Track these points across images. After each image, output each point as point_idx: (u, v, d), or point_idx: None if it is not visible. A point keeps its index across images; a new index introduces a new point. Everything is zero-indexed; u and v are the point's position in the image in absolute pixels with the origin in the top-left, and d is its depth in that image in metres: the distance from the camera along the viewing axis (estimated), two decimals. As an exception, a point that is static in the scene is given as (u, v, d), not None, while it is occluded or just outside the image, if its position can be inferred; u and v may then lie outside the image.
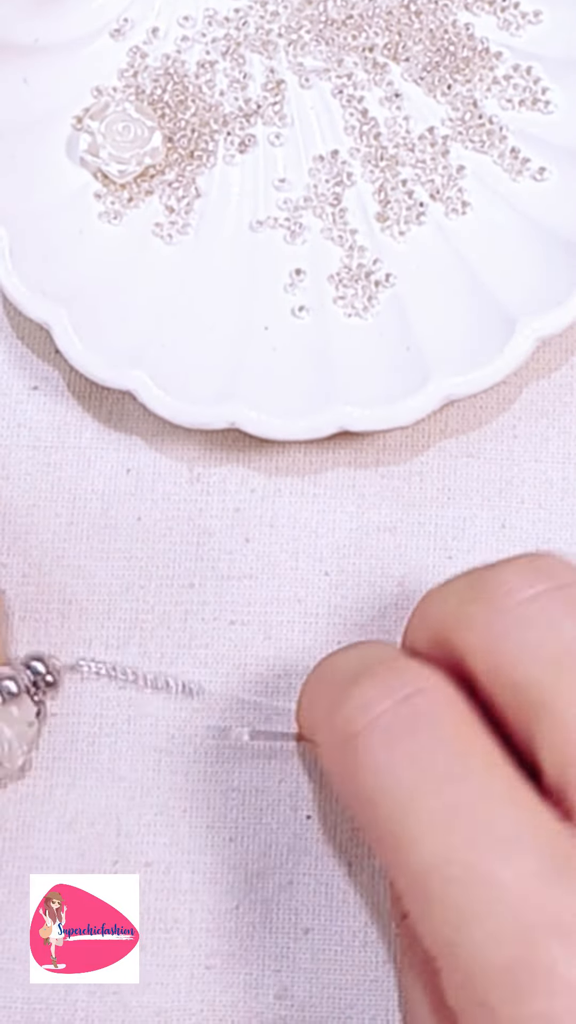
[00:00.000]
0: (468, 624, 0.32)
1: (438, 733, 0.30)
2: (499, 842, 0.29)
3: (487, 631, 0.31)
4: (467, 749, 0.30)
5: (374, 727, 0.30)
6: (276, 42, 0.43)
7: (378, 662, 0.32)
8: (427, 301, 0.41)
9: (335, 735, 0.31)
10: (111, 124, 0.42)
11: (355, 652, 0.34)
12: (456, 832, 0.29)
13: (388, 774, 0.30)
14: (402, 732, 0.30)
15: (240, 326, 0.41)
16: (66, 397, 0.42)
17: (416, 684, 0.31)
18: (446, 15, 0.43)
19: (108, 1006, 0.38)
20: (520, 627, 0.31)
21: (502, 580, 0.32)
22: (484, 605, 0.32)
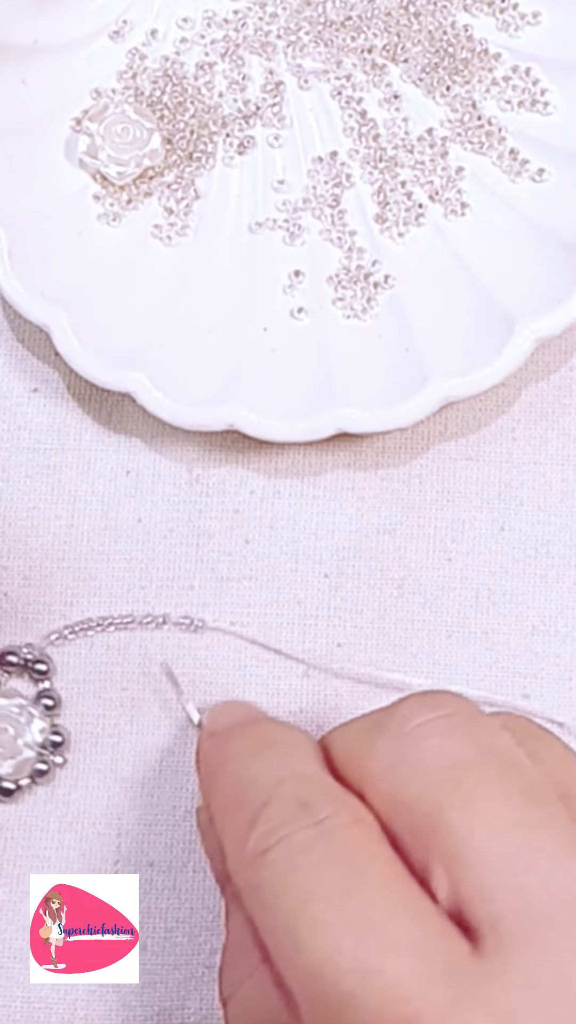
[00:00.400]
0: (368, 753, 0.33)
1: (344, 848, 0.31)
2: (390, 942, 0.29)
3: (383, 756, 0.32)
4: (371, 862, 0.31)
5: (283, 843, 0.31)
6: (275, 44, 0.43)
7: (293, 784, 0.33)
8: (426, 302, 0.41)
9: (245, 851, 0.32)
10: (110, 126, 0.42)
11: (270, 764, 0.34)
12: (349, 930, 0.30)
13: (289, 881, 0.31)
14: (308, 847, 0.31)
15: (239, 328, 0.41)
16: (66, 399, 0.42)
17: (328, 810, 0.32)
18: (445, 16, 0.43)
19: (108, 1005, 0.39)
20: (413, 751, 0.32)
21: (398, 712, 0.33)
22: (380, 734, 0.33)
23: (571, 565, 0.41)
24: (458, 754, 0.32)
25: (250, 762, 0.34)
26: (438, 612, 0.41)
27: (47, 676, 0.40)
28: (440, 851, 0.30)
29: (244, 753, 0.35)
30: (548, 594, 0.41)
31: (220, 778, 0.35)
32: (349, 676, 0.40)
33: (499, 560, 0.41)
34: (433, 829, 0.31)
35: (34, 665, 0.40)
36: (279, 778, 0.33)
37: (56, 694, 0.40)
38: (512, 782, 0.31)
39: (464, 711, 0.33)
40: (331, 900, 0.30)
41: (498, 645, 0.40)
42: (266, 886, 0.31)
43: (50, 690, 0.40)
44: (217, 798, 0.35)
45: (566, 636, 0.40)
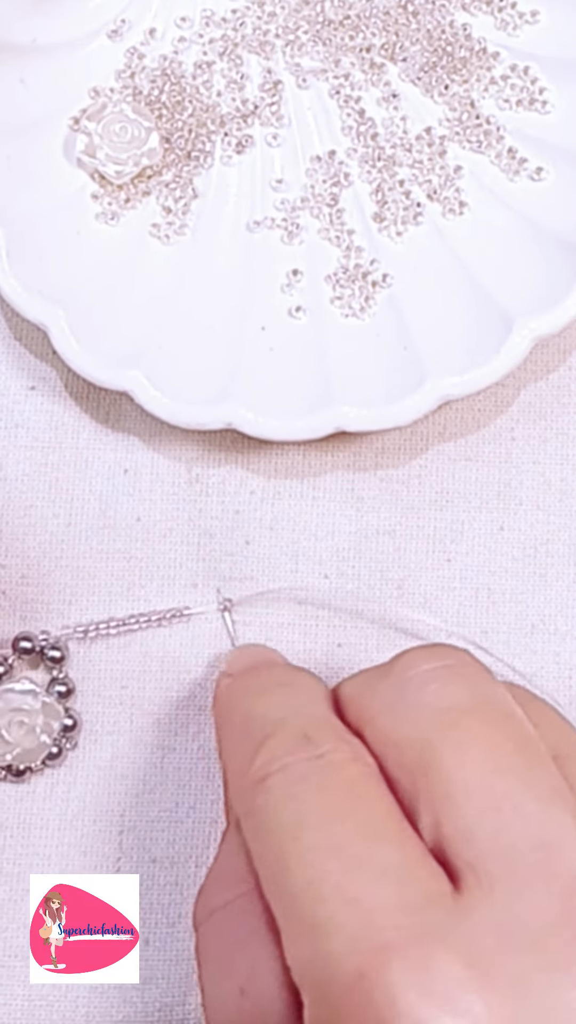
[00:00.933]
0: (370, 696, 0.34)
1: (340, 781, 0.32)
2: (372, 870, 0.30)
3: (383, 698, 0.33)
4: (364, 796, 0.32)
5: (282, 771, 0.32)
6: (273, 43, 0.43)
7: (300, 720, 0.34)
8: (424, 301, 0.41)
9: (246, 778, 0.33)
10: (108, 125, 0.42)
11: (280, 701, 0.35)
12: (333, 858, 0.30)
13: (284, 807, 0.32)
14: (306, 777, 0.32)
15: (237, 326, 0.41)
16: (63, 397, 0.42)
17: (328, 745, 0.33)
18: (443, 15, 0.43)
19: (110, 1002, 0.39)
20: (412, 693, 0.33)
21: (402, 659, 0.34)
22: (384, 678, 0.34)
23: (570, 564, 0.41)
24: (455, 699, 0.33)
25: (259, 699, 0.35)
26: (438, 612, 0.41)
27: (61, 664, 0.40)
28: (428, 789, 0.31)
29: (255, 691, 0.36)
30: (547, 593, 0.41)
31: (230, 715, 0.36)
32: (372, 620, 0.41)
33: (498, 560, 0.41)
34: (424, 768, 0.32)
35: (48, 652, 0.40)
36: (286, 714, 0.34)
37: (70, 681, 0.40)
38: (504, 729, 0.32)
39: (466, 662, 0.34)
40: (322, 828, 0.31)
41: (498, 644, 0.41)
42: (262, 811, 0.32)
43: (64, 678, 0.40)
44: (225, 732, 0.36)
45: (566, 635, 0.41)
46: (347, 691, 0.35)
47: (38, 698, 0.39)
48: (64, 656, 0.40)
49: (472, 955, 0.29)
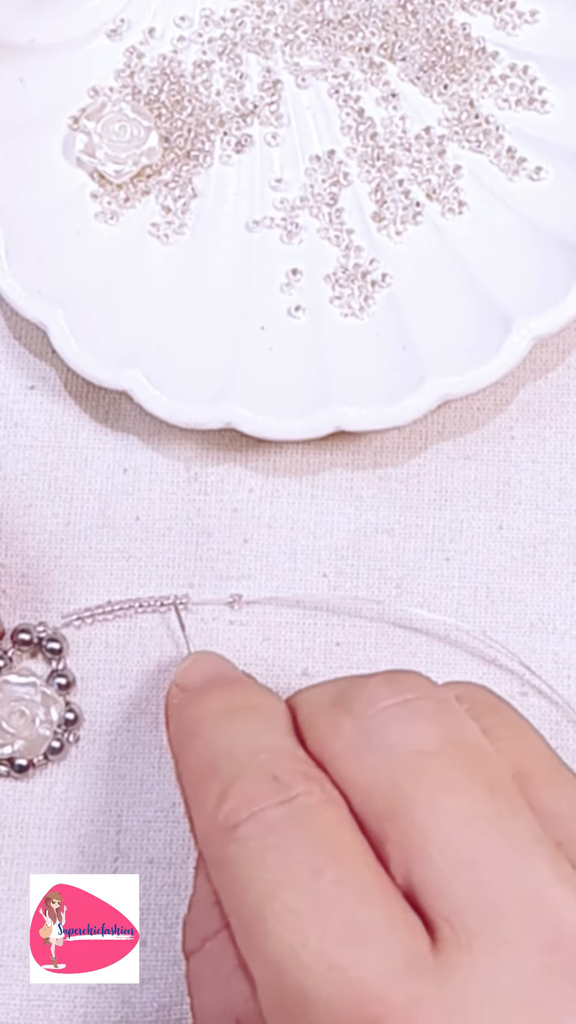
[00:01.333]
0: (332, 732, 0.33)
1: (315, 829, 0.31)
2: (355, 935, 0.29)
3: (347, 738, 0.32)
4: (341, 846, 0.31)
5: (254, 819, 0.31)
6: (272, 42, 0.43)
7: (267, 758, 0.33)
8: (423, 301, 0.41)
9: (215, 823, 0.32)
10: (107, 124, 0.42)
11: (242, 734, 0.34)
12: (314, 922, 0.29)
13: (259, 862, 0.31)
14: (280, 826, 0.31)
15: (236, 326, 0.41)
16: (63, 397, 0.42)
17: (299, 788, 0.32)
18: (443, 15, 0.43)
19: (108, 1002, 0.39)
20: (376, 735, 0.32)
21: (363, 693, 0.33)
22: (346, 715, 0.33)
23: (569, 563, 0.41)
24: (421, 741, 0.32)
25: (222, 728, 0.34)
26: (436, 611, 0.41)
27: (61, 655, 0.40)
28: (399, 838, 0.30)
29: (216, 716, 0.35)
30: (546, 592, 0.41)
31: (191, 741, 0.35)
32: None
33: (497, 559, 0.41)
34: (392, 815, 0.31)
35: (48, 644, 0.40)
36: (252, 750, 0.33)
37: (70, 673, 0.40)
38: (474, 773, 0.31)
39: (430, 696, 0.33)
40: (300, 887, 0.30)
41: (496, 644, 0.40)
42: (235, 863, 0.31)
43: (64, 670, 0.40)
44: (187, 762, 0.35)
45: (564, 633, 0.41)
46: (307, 714, 0.34)
47: (38, 689, 0.39)
48: (63, 648, 0.40)
49: (461, 1017, 0.28)
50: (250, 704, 0.35)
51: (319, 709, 0.34)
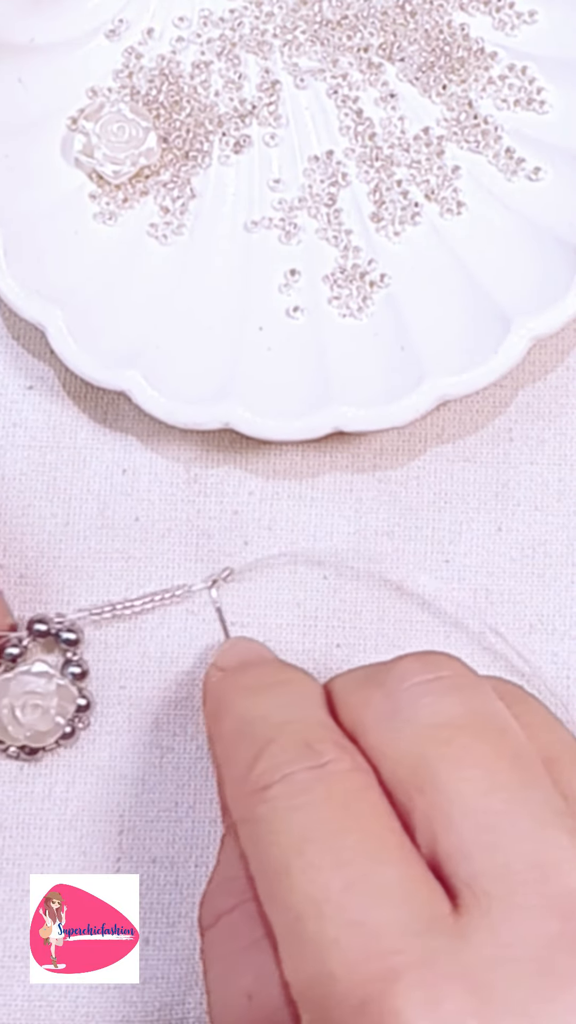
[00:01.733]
0: (364, 704, 0.34)
1: (340, 793, 0.32)
2: (375, 891, 0.30)
3: (377, 709, 0.33)
4: (363, 809, 0.32)
5: (284, 781, 0.32)
6: (271, 42, 0.43)
7: (301, 726, 0.33)
8: (422, 301, 0.41)
9: (245, 785, 0.33)
10: (106, 125, 0.42)
11: (277, 704, 0.35)
12: (336, 876, 0.30)
13: (287, 819, 0.31)
14: (309, 788, 0.32)
15: (235, 326, 0.41)
16: (61, 397, 0.42)
17: (330, 754, 0.32)
18: (441, 15, 0.43)
19: (109, 1001, 0.39)
20: (408, 707, 0.33)
21: (395, 669, 0.34)
22: (378, 689, 0.34)
23: (568, 564, 0.41)
24: (450, 714, 0.32)
25: (257, 698, 0.35)
26: (436, 613, 0.41)
27: (76, 646, 0.40)
28: (424, 806, 0.31)
29: (251, 689, 0.36)
30: (545, 593, 0.41)
31: (225, 712, 0.36)
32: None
33: (496, 561, 0.41)
34: (419, 784, 0.31)
35: (64, 635, 0.40)
36: (286, 718, 0.34)
37: (85, 663, 0.40)
38: (500, 745, 0.32)
39: (461, 674, 0.34)
40: (325, 843, 0.31)
41: (498, 643, 0.41)
42: (263, 821, 0.32)
43: (79, 659, 0.40)
44: (221, 730, 0.35)
45: (564, 635, 0.41)
46: (340, 692, 0.35)
47: (52, 680, 0.39)
48: (79, 639, 0.40)
49: (475, 981, 0.29)
50: (285, 679, 0.36)
51: (352, 685, 0.35)
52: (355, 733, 0.33)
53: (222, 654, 0.39)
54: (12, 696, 0.39)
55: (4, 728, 0.39)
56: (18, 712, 0.39)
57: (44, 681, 0.39)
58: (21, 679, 0.39)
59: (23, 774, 0.40)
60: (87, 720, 0.40)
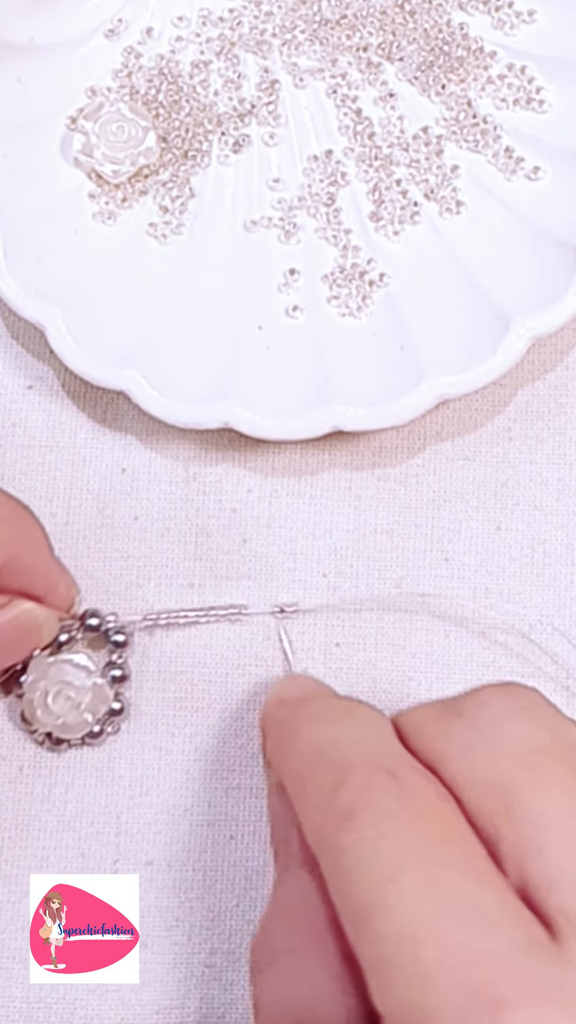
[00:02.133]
0: (442, 735, 0.33)
1: (429, 819, 0.31)
2: (475, 917, 0.29)
3: (459, 738, 0.33)
4: (454, 835, 0.31)
5: (370, 808, 0.31)
6: (270, 42, 0.43)
7: (381, 755, 0.33)
8: (421, 301, 0.41)
9: (329, 813, 0.32)
10: (105, 124, 0.42)
11: (352, 733, 0.34)
12: (434, 903, 0.30)
13: (377, 848, 0.31)
14: (397, 816, 0.31)
15: (234, 326, 0.41)
16: (61, 397, 0.42)
17: (413, 782, 0.32)
18: (440, 15, 0.43)
19: (107, 1004, 0.39)
20: (491, 734, 0.32)
21: (475, 699, 0.33)
22: (457, 718, 0.33)
23: (567, 564, 0.41)
24: (535, 740, 0.32)
25: (330, 727, 0.34)
26: (436, 611, 0.41)
27: (123, 649, 0.40)
28: (512, 834, 0.31)
29: (322, 719, 0.35)
30: (545, 593, 0.41)
31: (295, 741, 0.35)
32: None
33: (496, 559, 0.41)
34: (507, 811, 0.31)
35: (113, 635, 0.40)
36: (364, 746, 0.33)
37: (127, 668, 0.40)
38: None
39: (541, 703, 0.33)
40: (420, 870, 0.30)
41: (495, 645, 0.41)
42: (350, 851, 0.31)
43: (123, 663, 0.40)
44: (291, 760, 0.35)
45: (563, 634, 0.41)
46: (410, 726, 0.34)
47: (91, 677, 0.39)
48: (127, 643, 0.40)
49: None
50: (355, 711, 0.36)
51: (427, 719, 0.34)
52: (433, 764, 0.33)
53: (283, 687, 0.38)
54: (49, 681, 0.39)
55: (34, 712, 0.39)
56: (50, 699, 0.39)
57: (83, 675, 0.39)
58: (61, 667, 0.39)
59: (23, 775, 0.40)
60: (117, 725, 0.40)
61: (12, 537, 0.38)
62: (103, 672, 0.40)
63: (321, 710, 0.36)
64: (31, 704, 0.39)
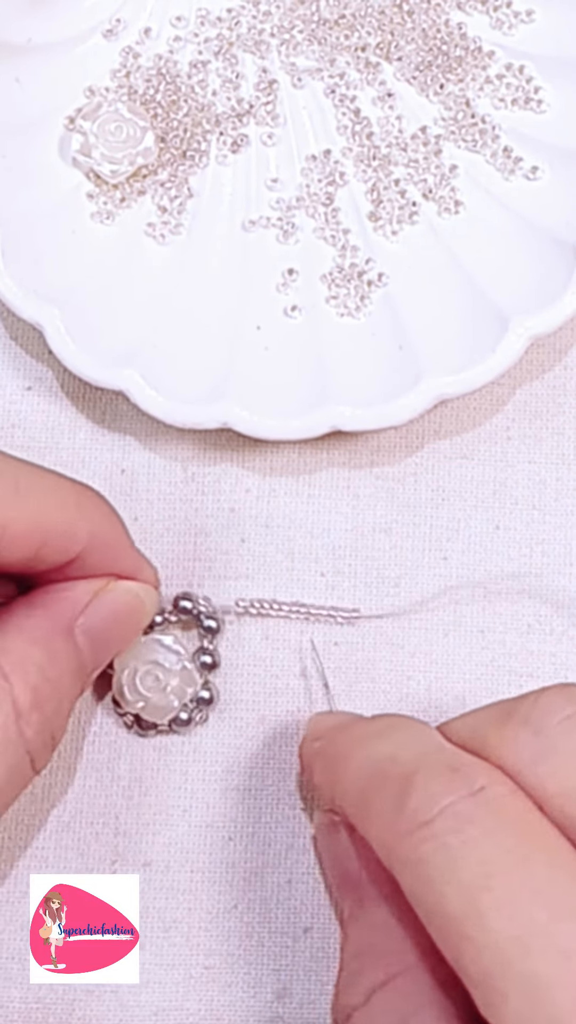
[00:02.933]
0: (508, 745, 0.32)
1: (507, 818, 0.30)
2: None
3: (530, 750, 0.32)
4: (535, 833, 0.30)
5: (446, 814, 0.30)
6: (268, 42, 0.43)
7: (439, 754, 0.32)
8: (420, 300, 0.41)
9: (400, 825, 0.31)
10: (103, 124, 0.42)
11: (403, 742, 0.33)
12: (535, 906, 0.29)
13: (459, 856, 0.30)
14: (476, 818, 0.30)
15: (233, 326, 0.41)
16: (59, 397, 0.42)
17: (483, 779, 0.31)
18: (439, 14, 0.43)
19: (106, 1005, 0.39)
20: (562, 742, 0.32)
21: (539, 704, 0.32)
22: (523, 727, 0.32)
23: (566, 563, 0.41)
24: None
25: (379, 741, 0.34)
26: (434, 611, 0.41)
27: (214, 635, 0.40)
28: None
29: (371, 737, 0.34)
30: (543, 593, 0.41)
31: (346, 765, 0.34)
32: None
33: (494, 559, 0.41)
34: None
35: (205, 621, 0.40)
36: (420, 751, 0.32)
37: (218, 655, 0.40)
38: None
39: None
40: (512, 873, 0.29)
41: (494, 644, 0.41)
42: (433, 860, 0.30)
43: (213, 650, 0.40)
44: (349, 785, 0.34)
45: (562, 635, 0.41)
46: (467, 733, 0.33)
47: (180, 660, 0.39)
48: (219, 628, 0.40)
49: None
50: (398, 724, 0.35)
51: (486, 726, 0.33)
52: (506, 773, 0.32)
53: (314, 725, 0.38)
54: (138, 660, 0.39)
55: (122, 691, 0.39)
56: (138, 679, 0.39)
57: (174, 658, 0.39)
58: (152, 645, 0.39)
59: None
60: (206, 714, 0.40)
61: (91, 512, 0.36)
62: (192, 657, 0.39)
63: (364, 730, 0.35)
64: (119, 682, 0.39)
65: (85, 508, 0.36)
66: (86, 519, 0.36)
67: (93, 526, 0.36)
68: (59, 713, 0.35)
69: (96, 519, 0.36)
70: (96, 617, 0.36)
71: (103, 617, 0.36)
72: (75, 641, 0.36)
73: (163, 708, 0.39)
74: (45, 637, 0.35)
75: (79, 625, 0.36)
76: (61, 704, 0.35)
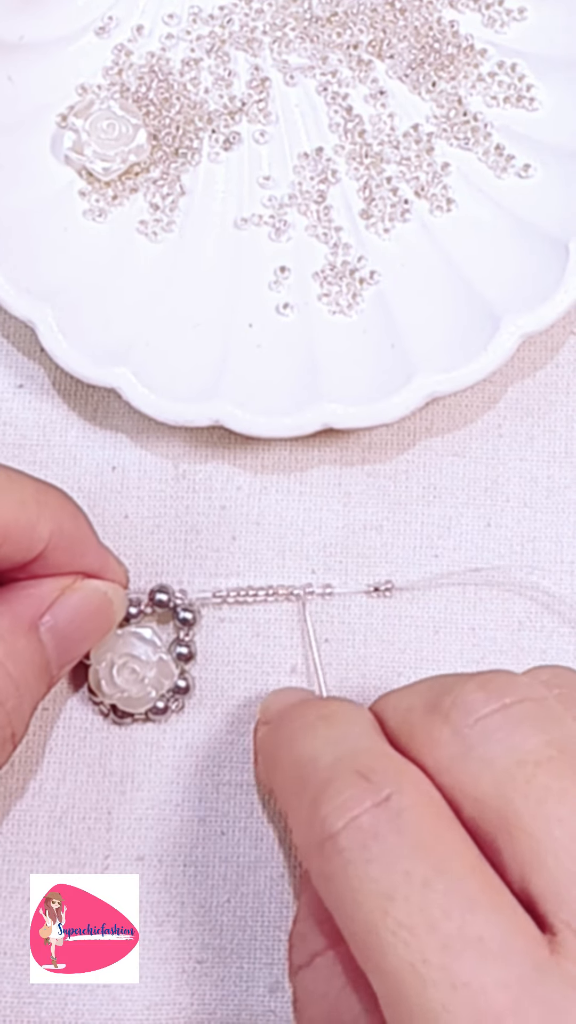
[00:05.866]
0: (432, 742, 0.32)
1: (416, 833, 0.30)
2: (477, 947, 0.29)
3: (449, 750, 0.32)
4: (446, 850, 0.30)
5: (351, 828, 0.30)
6: (261, 39, 0.43)
7: (353, 758, 0.32)
8: (412, 298, 0.41)
9: (312, 835, 0.31)
10: (96, 122, 0.42)
11: (325, 741, 0.33)
12: (433, 934, 0.29)
13: (364, 875, 0.30)
14: (379, 833, 0.30)
15: (225, 323, 0.41)
16: (51, 395, 0.42)
17: (394, 784, 0.31)
18: (431, 12, 0.43)
19: (99, 1001, 0.39)
20: (479, 744, 0.31)
21: (458, 702, 0.32)
22: (443, 725, 0.32)
23: (557, 561, 0.41)
24: (526, 748, 0.31)
25: (306, 739, 0.34)
26: (425, 608, 0.41)
27: (190, 627, 0.40)
28: (513, 850, 0.30)
29: (299, 731, 0.34)
30: (534, 590, 0.41)
31: (278, 762, 0.34)
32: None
33: (485, 556, 0.41)
34: (504, 828, 0.30)
35: (181, 613, 0.40)
36: (336, 754, 0.32)
37: (194, 645, 0.40)
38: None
39: (527, 697, 0.32)
40: (410, 901, 0.29)
41: (485, 641, 0.41)
42: (339, 877, 0.30)
43: (189, 641, 0.40)
44: (278, 781, 0.34)
45: (552, 632, 0.41)
46: (398, 721, 0.33)
47: (157, 652, 0.39)
48: (195, 620, 0.40)
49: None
50: (327, 712, 0.35)
51: (413, 715, 0.33)
52: (426, 771, 0.32)
53: (265, 708, 0.38)
54: (115, 653, 0.39)
55: (99, 684, 0.39)
56: (115, 671, 0.39)
57: (150, 650, 0.39)
58: (128, 639, 0.39)
59: (13, 769, 0.40)
60: (182, 703, 0.40)
61: (53, 510, 0.36)
62: (169, 649, 0.39)
63: (296, 722, 0.35)
64: (96, 675, 0.39)
65: (47, 506, 0.36)
66: (47, 517, 0.36)
67: (55, 524, 0.36)
68: (19, 711, 0.35)
69: (59, 517, 0.36)
70: (62, 615, 0.36)
71: (69, 615, 0.37)
72: (39, 639, 0.36)
73: (140, 700, 0.39)
74: (7, 633, 0.35)
75: (44, 623, 0.36)
76: (22, 701, 0.35)
